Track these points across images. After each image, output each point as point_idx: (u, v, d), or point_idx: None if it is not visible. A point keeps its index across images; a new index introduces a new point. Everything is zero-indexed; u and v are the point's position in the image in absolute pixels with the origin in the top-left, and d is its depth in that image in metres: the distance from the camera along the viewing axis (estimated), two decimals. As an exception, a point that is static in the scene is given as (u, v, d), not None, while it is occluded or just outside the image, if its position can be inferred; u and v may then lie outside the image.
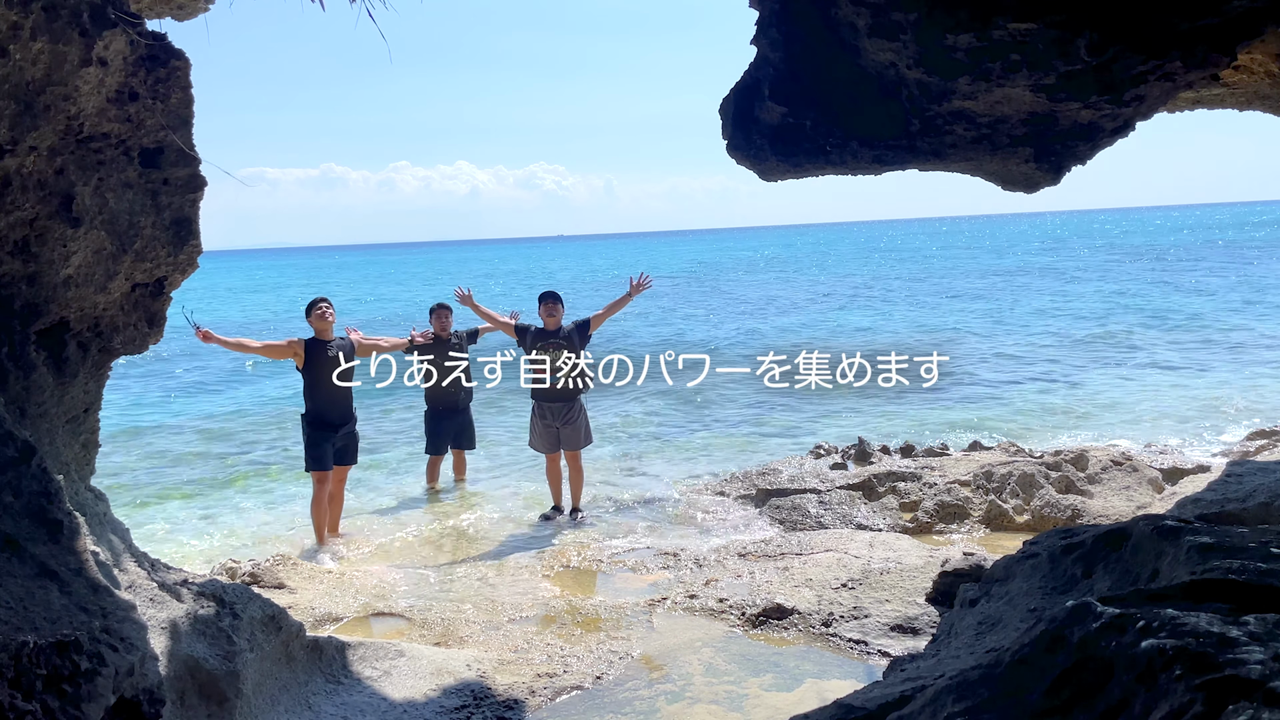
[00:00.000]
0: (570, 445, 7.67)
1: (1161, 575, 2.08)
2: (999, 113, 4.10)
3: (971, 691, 1.72)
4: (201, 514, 8.65)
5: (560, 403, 7.57)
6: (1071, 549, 2.57)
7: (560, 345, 7.52)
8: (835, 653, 4.76)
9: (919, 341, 19.36)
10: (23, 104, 3.30)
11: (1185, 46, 3.53)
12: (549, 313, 7.59)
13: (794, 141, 4.58)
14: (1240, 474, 6.05)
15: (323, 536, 7.19)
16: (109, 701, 2.09)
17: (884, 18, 3.84)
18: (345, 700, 4.01)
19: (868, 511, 7.15)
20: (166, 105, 3.86)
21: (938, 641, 2.75)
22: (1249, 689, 1.25)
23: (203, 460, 11.12)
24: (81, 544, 2.59)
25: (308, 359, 7.19)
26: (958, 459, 8.14)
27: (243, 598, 3.87)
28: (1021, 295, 29.95)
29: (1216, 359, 15.45)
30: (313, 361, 7.18)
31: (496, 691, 4.29)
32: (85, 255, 3.68)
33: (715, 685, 4.44)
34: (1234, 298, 24.96)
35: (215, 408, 15.31)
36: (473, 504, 8.41)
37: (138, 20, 3.64)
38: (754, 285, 43.20)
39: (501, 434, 11.19)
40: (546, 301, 7.65)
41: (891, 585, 5.27)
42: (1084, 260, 47.81)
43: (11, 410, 3.24)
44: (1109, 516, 6.37)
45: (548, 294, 7.72)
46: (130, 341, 4.18)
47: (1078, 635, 1.59)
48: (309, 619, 5.27)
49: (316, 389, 7.19)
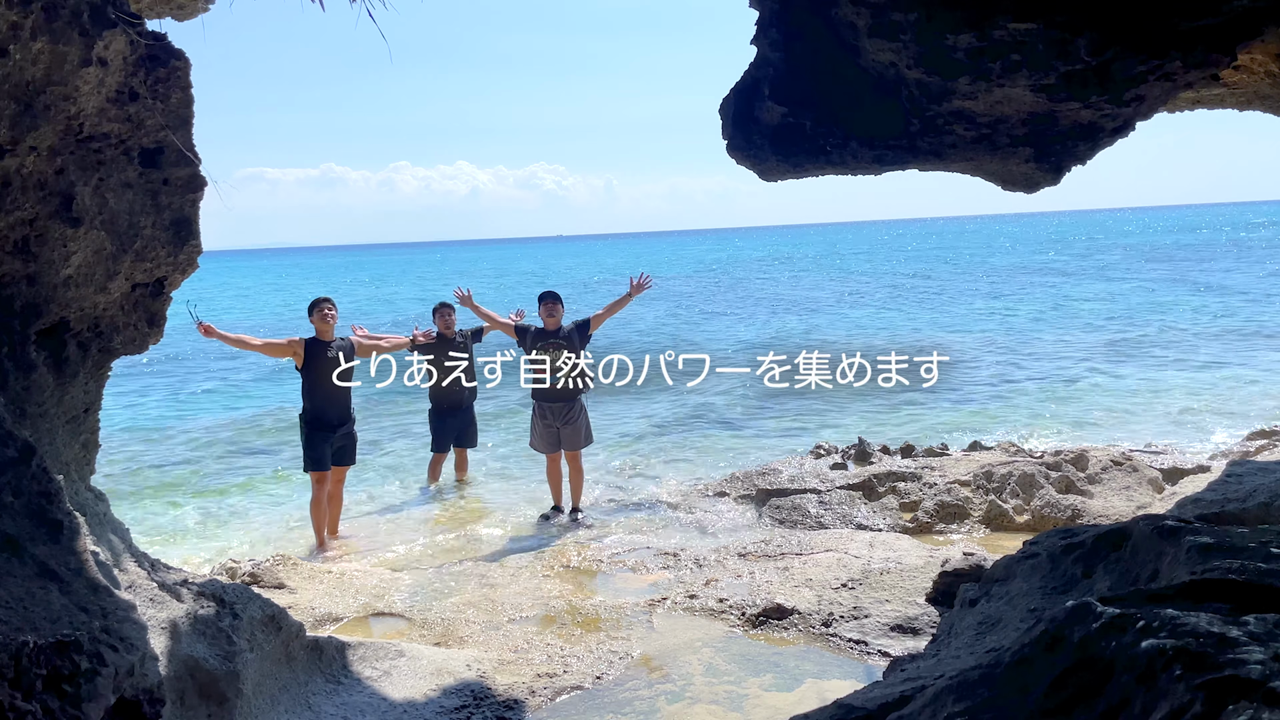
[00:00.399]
0: (570, 445, 7.67)
1: (1161, 575, 2.08)
2: (999, 113, 4.10)
3: (971, 691, 1.72)
4: (202, 514, 8.65)
5: (560, 403, 7.57)
6: (1071, 549, 2.57)
7: (560, 345, 7.52)
8: (835, 653, 4.76)
9: (980, 341, 19.32)
10: (23, 104, 3.30)
11: (1185, 46, 3.53)
12: (549, 313, 7.59)
13: (794, 141, 4.58)
14: (1240, 474, 6.05)
15: (322, 538, 7.19)
16: (109, 701, 2.09)
17: (884, 18, 3.85)
18: (345, 700, 4.02)
19: (868, 511, 7.15)
20: (166, 105, 3.86)
21: (938, 641, 2.75)
22: (1249, 689, 1.25)
23: (204, 460, 11.13)
24: (81, 544, 2.59)
25: (307, 358, 7.18)
26: (958, 459, 8.14)
27: (243, 598, 3.87)
28: (1022, 294, 29.97)
29: (1218, 358, 15.45)
30: (312, 361, 7.17)
31: (496, 691, 4.29)
32: (85, 255, 3.68)
33: (715, 685, 4.44)
34: (1239, 298, 24.95)
35: (216, 407, 15.32)
36: (473, 503, 8.42)
37: (138, 20, 3.64)
38: (786, 284, 42.81)
39: (501, 434, 11.20)
40: (546, 301, 7.65)
41: (891, 585, 5.27)
42: (1084, 260, 47.82)
43: (11, 410, 3.24)
44: (1109, 516, 6.37)
45: (547, 294, 7.72)
46: (130, 341, 4.18)
47: (1078, 635, 1.59)
48: (309, 619, 5.26)
49: (315, 389, 7.19)
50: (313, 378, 7.18)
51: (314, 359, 7.17)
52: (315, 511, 7.19)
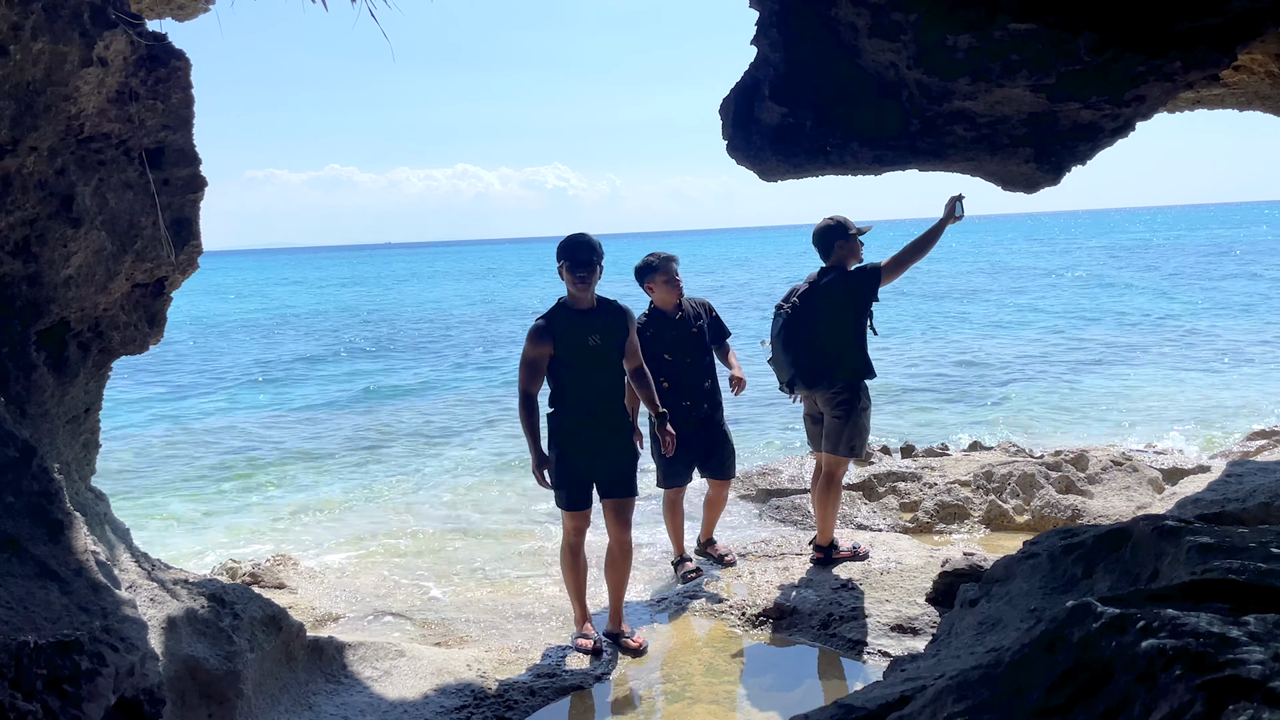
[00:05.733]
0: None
1: (1162, 575, 2.08)
2: (999, 113, 4.10)
3: (972, 691, 1.72)
4: (202, 514, 8.65)
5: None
6: (1071, 549, 2.57)
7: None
8: (835, 653, 4.76)
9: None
10: (23, 104, 3.31)
11: (1185, 47, 3.53)
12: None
13: (794, 141, 4.58)
14: (1240, 474, 6.04)
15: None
16: (110, 702, 2.09)
17: (884, 18, 3.85)
18: (346, 700, 4.02)
19: (868, 511, 7.15)
20: (167, 105, 3.86)
21: (938, 641, 2.75)
22: (1249, 689, 1.25)
23: (204, 459, 11.13)
24: (82, 544, 2.59)
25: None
26: (958, 459, 8.14)
27: (243, 598, 3.87)
28: (1024, 294, 29.97)
29: (1219, 357, 15.45)
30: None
31: (496, 691, 4.29)
32: (86, 255, 3.69)
33: (715, 685, 4.44)
34: (1239, 300, 24.94)
35: (216, 407, 15.32)
36: (472, 503, 8.41)
37: (138, 20, 3.64)
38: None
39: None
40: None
41: (891, 585, 5.27)
42: (1082, 260, 47.79)
43: (11, 410, 3.24)
44: (1109, 516, 6.37)
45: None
46: (131, 341, 4.19)
47: (1078, 635, 1.59)
48: (309, 619, 5.26)
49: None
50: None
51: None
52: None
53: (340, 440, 12.10)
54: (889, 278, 5.41)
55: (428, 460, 10.60)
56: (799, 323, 5.37)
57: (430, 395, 15.98)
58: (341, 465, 10.59)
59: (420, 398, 15.72)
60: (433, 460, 10.58)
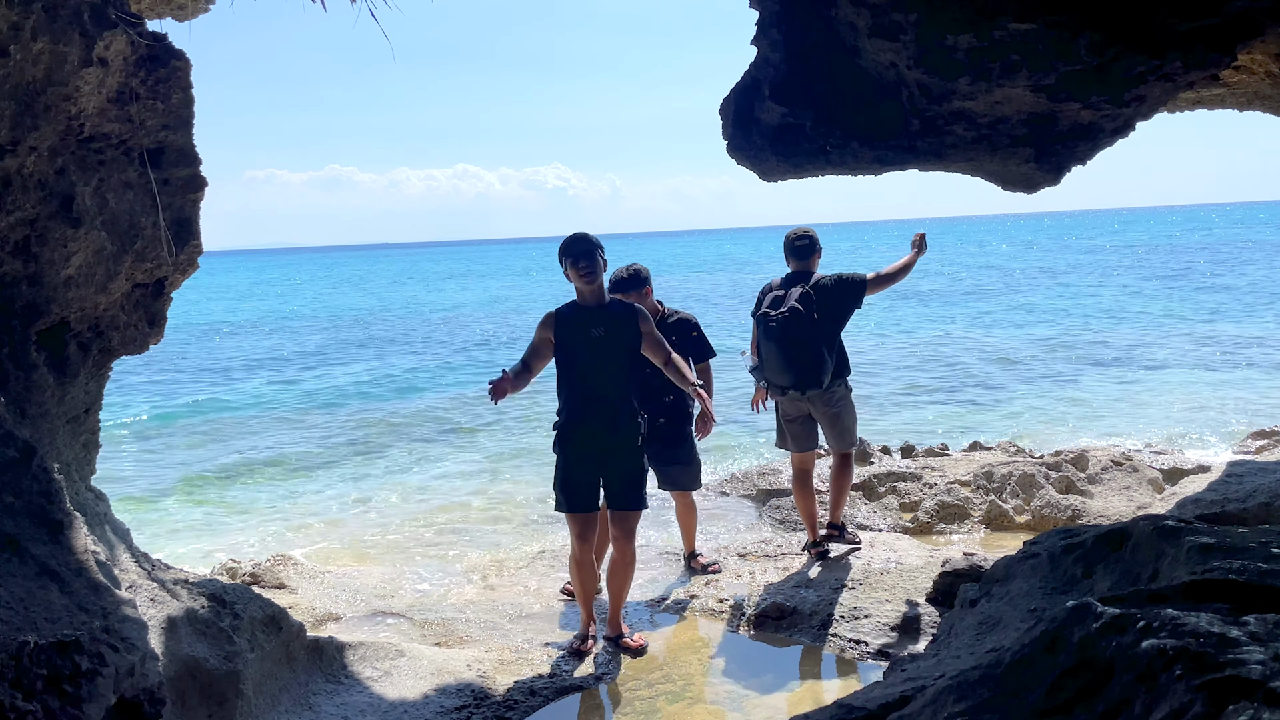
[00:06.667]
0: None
1: (1162, 575, 2.08)
2: (999, 113, 4.10)
3: (972, 691, 1.72)
4: (202, 513, 8.65)
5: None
6: (1072, 549, 2.57)
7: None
8: (835, 653, 4.76)
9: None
10: (23, 104, 3.31)
11: (1185, 47, 3.53)
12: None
13: (794, 141, 4.58)
14: (1240, 474, 6.04)
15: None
16: (110, 702, 2.09)
17: (884, 18, 3.85)
18: (346, 700, 4.02)
19: (868, 512, 7.15)
20: (167, 105, 3.86)
21: (938, 641, 2.75)
22: (1249, 689, 1.25)
23: (204, 459, 11.13)
24: (82, 544, 2.59)
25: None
26: (958, 459, 8.14)
27: (243, 598, 3.87)
28: (1024, 293, 29.97)
29: (1219, 357, 15.45)
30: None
31: (497, 691, 4.29)
32: (86, 255, 3.69)
33: (715, 685, 4.44)
34: (1243, 300, 24.94)
35: (217, 407, 15.32)
36: (472, 503, 8.41)
37: (138, 20, 3.64)
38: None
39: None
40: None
41: (891, 585, 5.26)
42: (1084, 259, 47.80)
43: (12, 410, 3.24)
44: (1109, 516, 6.37)
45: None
46: (131, 341, 4.19)
47: (1078, 635, 1.59)
48: (309, 619, 5.26)
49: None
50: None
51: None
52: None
53: (341, 440, 12.10)
54: (872, 290, 5.74)
55: (428, 460, 10.60)
56: (796, 330, 5.49)
57: (431, 395, 16.00)
58: (342, 465, 10.59)
59: (421, 398, 15.73)
60: (433, 460, 10.58)
